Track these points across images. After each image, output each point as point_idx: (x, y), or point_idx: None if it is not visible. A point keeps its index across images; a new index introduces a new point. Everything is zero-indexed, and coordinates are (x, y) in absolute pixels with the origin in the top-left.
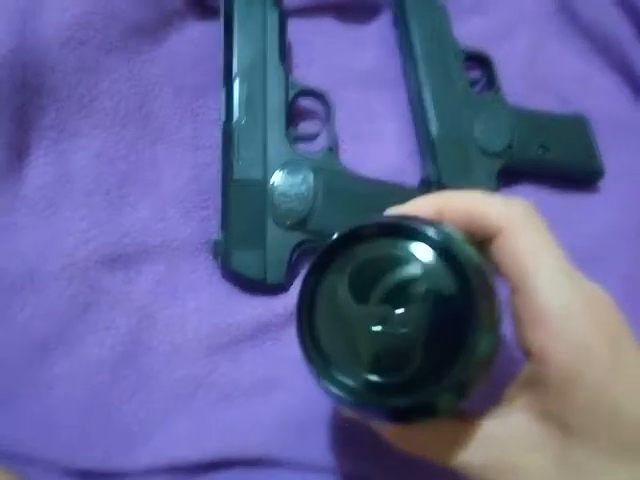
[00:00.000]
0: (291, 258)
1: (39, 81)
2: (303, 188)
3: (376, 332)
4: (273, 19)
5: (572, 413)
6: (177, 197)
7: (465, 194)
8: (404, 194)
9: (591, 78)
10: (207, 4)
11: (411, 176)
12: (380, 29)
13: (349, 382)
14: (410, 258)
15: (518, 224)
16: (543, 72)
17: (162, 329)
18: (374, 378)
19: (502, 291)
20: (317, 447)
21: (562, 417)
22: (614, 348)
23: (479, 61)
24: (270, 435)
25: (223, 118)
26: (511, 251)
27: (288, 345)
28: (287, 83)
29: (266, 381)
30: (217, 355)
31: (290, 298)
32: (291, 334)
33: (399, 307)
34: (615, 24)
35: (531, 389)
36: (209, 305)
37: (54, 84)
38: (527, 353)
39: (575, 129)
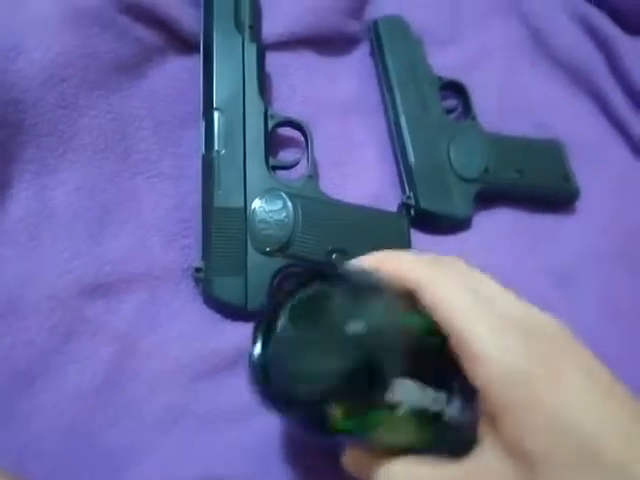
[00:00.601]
0: (272, 284)
1: (20, 118)
2: (283, 215)
3: None
4: (251, 53)
5: (526, 439)
6: (158, 226)
7: (393, 256)
8: (382, 218)
9: (564, 103)
10: (186, 39)
11: (391, 202)
12: (358, 60)
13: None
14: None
15: (428, 280)
16: (517, 98)
17: (144, 357)
18: None
19: None
20: (300, 473)
21: (520, 446)
22: (551, 369)
23: (454, 89)
24: (253, 462)
25: (203, 149)
26: (430, 304)
27: None
28: (266, 114)
29: (247, 407)
30: (199, 382)
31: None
32: None
33: None
34: (584, 51)
35: (491, 426)
36: (190, 332)
37: (35, 121)
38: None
39: (550, 153)
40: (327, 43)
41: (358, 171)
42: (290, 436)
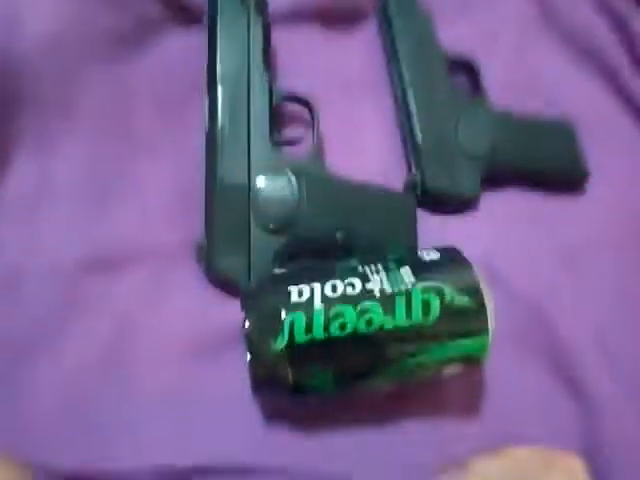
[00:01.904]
0: (275, 261)
1: (19, 90)
2: (287, 192)
3: None
4: (257, 27)
5: None
6: (160, 202)
7: None
8: (388, 197)
9: (576, 82)
10: (191, 13)
11: (396, 180)
12: (365, 36)
13: None
14: None
15: None
16: (527, 76)
17: (144, 334)
18: None
19: None
20: (306, 452)
21: None
22: None
23: (464, 66)
24: (255, 442)
25: (206, 124)
26: None
27: None
28: (271, 89)
29: (246, 389)
30: (200, 360)
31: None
32: None
33: None
34: (597, 29)
35: None
36: (193, 310)
37: (35, 93)
38: None
39: (560, 133)
40: (334, 18)
41: (364, 149)
42: (294, 414)
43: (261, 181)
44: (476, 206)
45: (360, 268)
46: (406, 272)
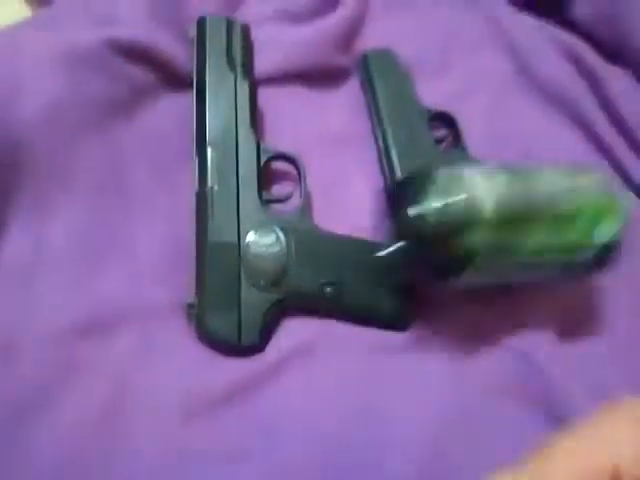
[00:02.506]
0: (266, 318)
1: (16, 160)
2: (276, 248)
3: None
4: (244, 89)
5: None
6: (152, 263)
7: None
8: (376, 251)
9: (552, 133)
10: (180, 77)
11: (384, 233)
12: (348, 93)
13: None
14: None
15: None
16: (505, 128)
17: (138, 394)
18: None
19: None
20: None
21: None
22: None
23: (444, 120)
24: None
25: (196, 185)
26: None
27: (265, 407)
28: (258, 149)
29: (246, 446)
30: (195, 419)
31: (266, 359)
32: (267, 395)
33: None
34: (570, 82)
35: None
36: (184, 369)
37: (31, 162)
38: None
39: None
40: (317, 77)
41: (351, 202)
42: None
43: (251, 238)
44: None
45: None
46: None
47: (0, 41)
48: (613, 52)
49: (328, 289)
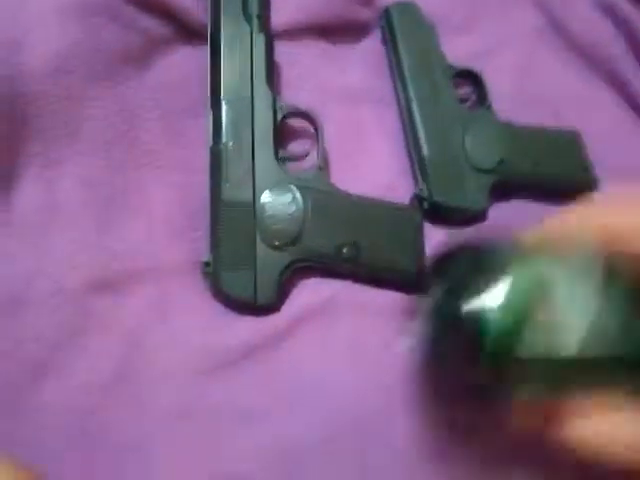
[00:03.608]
0: (281, 278)
1: (25, 111)
2: (292, 208)
3: None
4: (260, 42)
5: None
6: (166, 219)
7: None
8: (394, 211)
9: (583, 92)
10: (194, 29)
11: (403, 193)
12: (369, 48)
13: None
14: None
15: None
16: (534, 87)
17: (152, 352)
18: None
19: None
20: (315, 474)
21: None
22: None
23: (469, 78)
24: (265, 462)
25: (211, 141)
26: None
27: (279, 367)
28: (275, 105)
29: (258, 405)
30: (208, 378)
31: (281, 318)
32: (282, 356)
33: None
34: (605, 38)
35: None
36: (199, 327)
37: (39, 113)
38: None
39: (567, 143)
40: (337, 31)
41: (370, 162)
42: (298, 440)
43: (266, 197)
44: (484, 217)
45: None
46: None
47: None
48: None
49: (345, 249)
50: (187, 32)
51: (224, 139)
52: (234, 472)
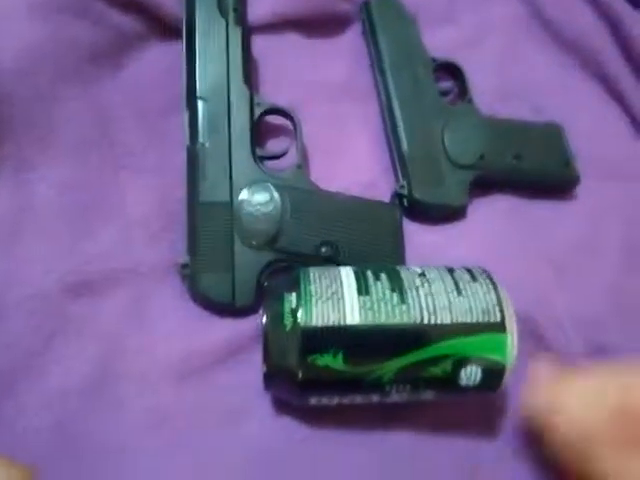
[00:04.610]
0: (260, 279)
1: None
2: (270, 207)
3: None
4: (236, 37)
5: None
6: (142, 220)
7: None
8: (373, 209)
9: (565, 84)
10: (168, 25)
11: (384, 190)
12: (349, 42)
13: None
14: None
15: None
16: (516, 80)
17: (130, 356)
18: None
19: None
20: (294, 476)
21: None
22: None
23: (450, 71)
24: (244, 464)
25: (187, 141)
26: None
27: (258, 369)
28: (252, 102)
29: (238, 407)
30: (187, 381)
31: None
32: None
33: None
34: (589, 28)
35: None
36: (178, 330)
37: (10, 114)
38: None
39: (549, 137)
40: (316, 24)
41: (349, 159)
42: (279, 441)
43: (244, 197)
44: (464, 214)
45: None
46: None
47: None
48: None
49: (324, 249)
50: (160, 28)
51: (201, 138)
52: (217, 475)
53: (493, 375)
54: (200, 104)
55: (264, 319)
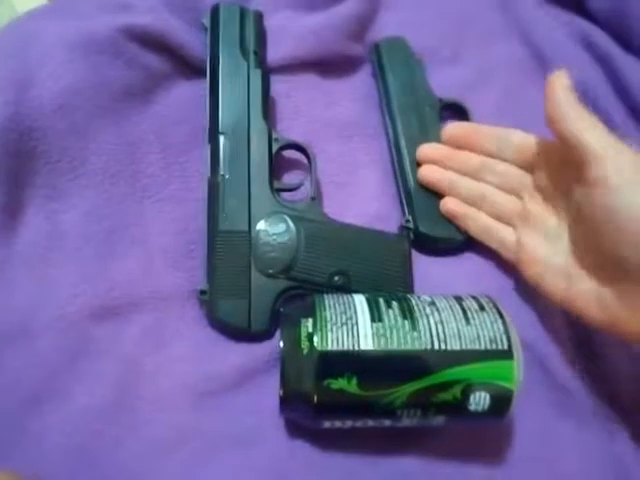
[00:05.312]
0: (275, 305)
1: (32, 145)
2: (286, 237)
3: None
4: (256, 78)
5: (623, 246)
6: (164, 248)
7: None
8: (384, 241)
9: None
10: (193, 65)
11: (393, 222)
12: (360, 82)
13: None
14: None
15: None
16: (519, 119)
17: (149, 378)
18: None
19: None
20: None
21: (616, 251)
22: None
23: (456, 110)
24: None
25: (209, 173)
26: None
27: (273, 392)
28: (270, 138)
29: (253, 430)
30: (204, 403)
31: (275, 345)
32: (276, 381)
33: None
34: (586, 70)
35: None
36: (195, 353)
37: (46, 148)
38: None
39: None
40: (330, 65)
41: (360, 192)
42: (299, 459)
43: (261, 227)
44: (468, 247)
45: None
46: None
47: (15, 30)
48: (626, 44)
49: (336, 278)
50: (187, 67)
51: (221, 171)
52: None
53: (501, 401)
54: (222, 139)
55: (282, 344)
